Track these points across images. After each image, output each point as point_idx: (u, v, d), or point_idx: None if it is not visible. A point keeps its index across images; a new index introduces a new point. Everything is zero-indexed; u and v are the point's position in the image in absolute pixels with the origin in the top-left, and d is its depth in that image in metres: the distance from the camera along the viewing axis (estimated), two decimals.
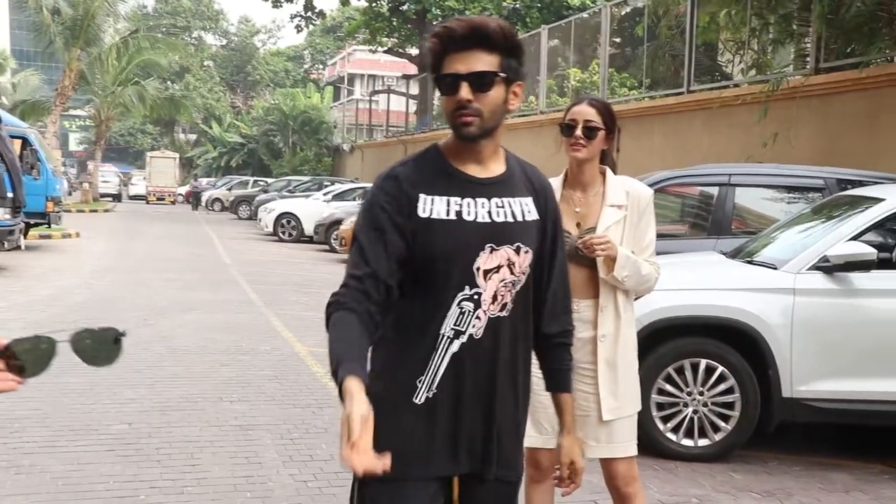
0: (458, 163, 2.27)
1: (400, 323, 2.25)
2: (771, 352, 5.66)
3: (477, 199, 2.24)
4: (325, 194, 26.79)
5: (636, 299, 3.58)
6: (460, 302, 2.21)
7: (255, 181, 44.19)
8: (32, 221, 19.51)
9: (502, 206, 2.26)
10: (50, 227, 20.49)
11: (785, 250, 6.20)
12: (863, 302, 5.73)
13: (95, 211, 36.96)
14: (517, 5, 30.79)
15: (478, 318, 2.22)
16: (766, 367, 5.69)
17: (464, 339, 2.22)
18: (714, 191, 8.27)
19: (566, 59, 20.80)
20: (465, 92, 2.16)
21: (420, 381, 2.22)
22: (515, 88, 2.24)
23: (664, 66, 16.18)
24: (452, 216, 2.19)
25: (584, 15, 20.98)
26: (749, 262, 6.28)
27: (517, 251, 2.24)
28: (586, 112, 3.44)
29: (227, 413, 6.55)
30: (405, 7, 32.41)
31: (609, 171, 3.53)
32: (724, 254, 6.88)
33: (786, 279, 5.75)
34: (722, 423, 5.81)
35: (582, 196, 3.49)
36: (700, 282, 6.19)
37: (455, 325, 2.21)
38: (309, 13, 36.36)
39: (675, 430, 5.83)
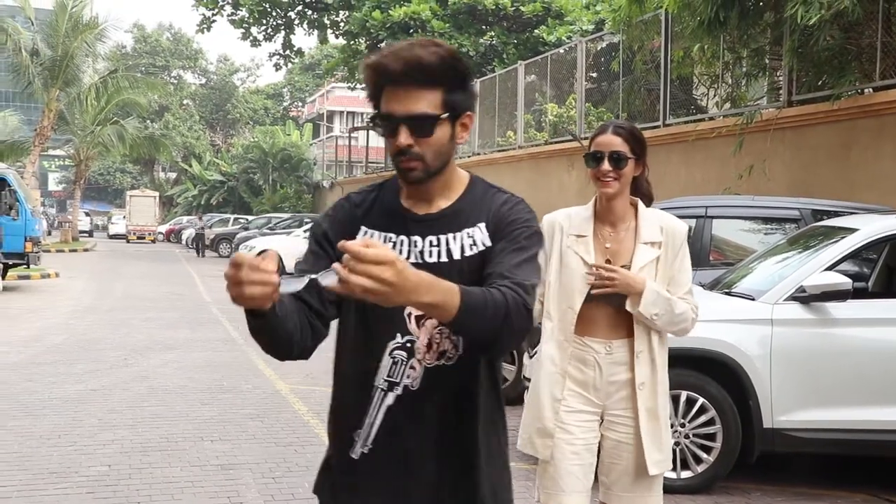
0: (406, 198, 2.08)
1: (338, 374, 2.11)
2: (751, 382, 5.68)
3: (412, 238, 2.03)
4: (305, 231, 26.75)
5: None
6: (392, 351, 2.01)
7: (236, 219, 44.04)
8: (11, 262, 19.46)
9: (437, 245, 2.01)
10: (29, 267, 20.38)
11: (762, 281, 6.25)
12: (839, 331, 5.77)
13: (75, 251, 36.77)
14: (494, 42, 31.04)
15: (412, 367, 2.00)
16: (746, 398, 5.71)
17: (398, 390, 2.01)
18: (692, 223, 8.33)
19: (543, 94, 20.95)
20: (404, 137, 1.93)
21: (357, 435, 2.04)
22: (464, 120, 2.00)
23: (640, 100, 16.32)
24: None
25: (561, 50, 21.16)
26: (727, 294, 6.32)
27: None
28: (612, 142, 3.18)
29: (208, 453, 6.51)
30: (383, 44, 32.63)
31: (641, 205, 3.28)
32: (702, 285, 6.92)
33: (763, 310, 5.80)
34: (704, 455, 5.82)
35: (612, 231, 3.25)
36: None
37: (388, 376, 2.01)
38: (287, 51, 36.39)
39: None
